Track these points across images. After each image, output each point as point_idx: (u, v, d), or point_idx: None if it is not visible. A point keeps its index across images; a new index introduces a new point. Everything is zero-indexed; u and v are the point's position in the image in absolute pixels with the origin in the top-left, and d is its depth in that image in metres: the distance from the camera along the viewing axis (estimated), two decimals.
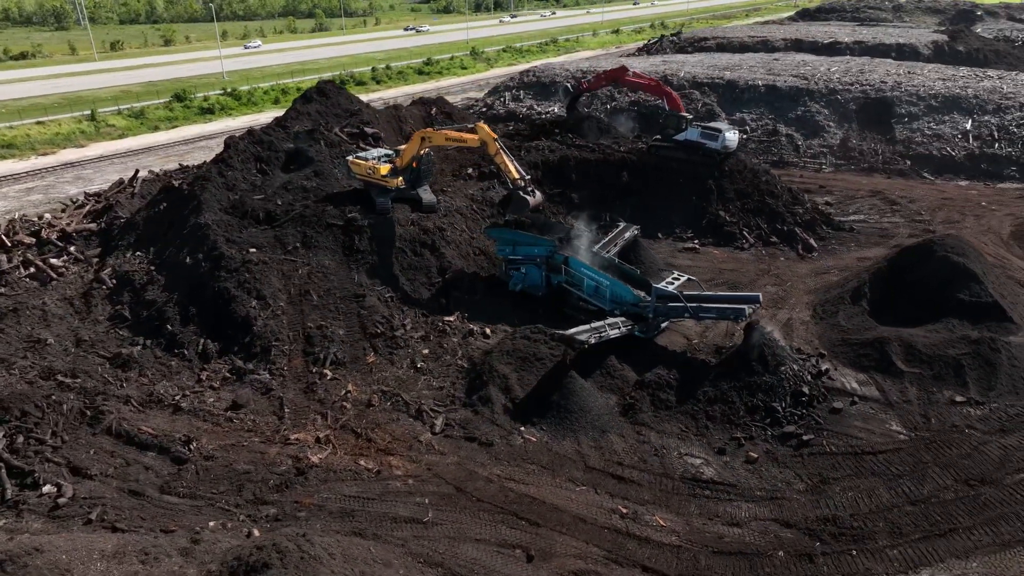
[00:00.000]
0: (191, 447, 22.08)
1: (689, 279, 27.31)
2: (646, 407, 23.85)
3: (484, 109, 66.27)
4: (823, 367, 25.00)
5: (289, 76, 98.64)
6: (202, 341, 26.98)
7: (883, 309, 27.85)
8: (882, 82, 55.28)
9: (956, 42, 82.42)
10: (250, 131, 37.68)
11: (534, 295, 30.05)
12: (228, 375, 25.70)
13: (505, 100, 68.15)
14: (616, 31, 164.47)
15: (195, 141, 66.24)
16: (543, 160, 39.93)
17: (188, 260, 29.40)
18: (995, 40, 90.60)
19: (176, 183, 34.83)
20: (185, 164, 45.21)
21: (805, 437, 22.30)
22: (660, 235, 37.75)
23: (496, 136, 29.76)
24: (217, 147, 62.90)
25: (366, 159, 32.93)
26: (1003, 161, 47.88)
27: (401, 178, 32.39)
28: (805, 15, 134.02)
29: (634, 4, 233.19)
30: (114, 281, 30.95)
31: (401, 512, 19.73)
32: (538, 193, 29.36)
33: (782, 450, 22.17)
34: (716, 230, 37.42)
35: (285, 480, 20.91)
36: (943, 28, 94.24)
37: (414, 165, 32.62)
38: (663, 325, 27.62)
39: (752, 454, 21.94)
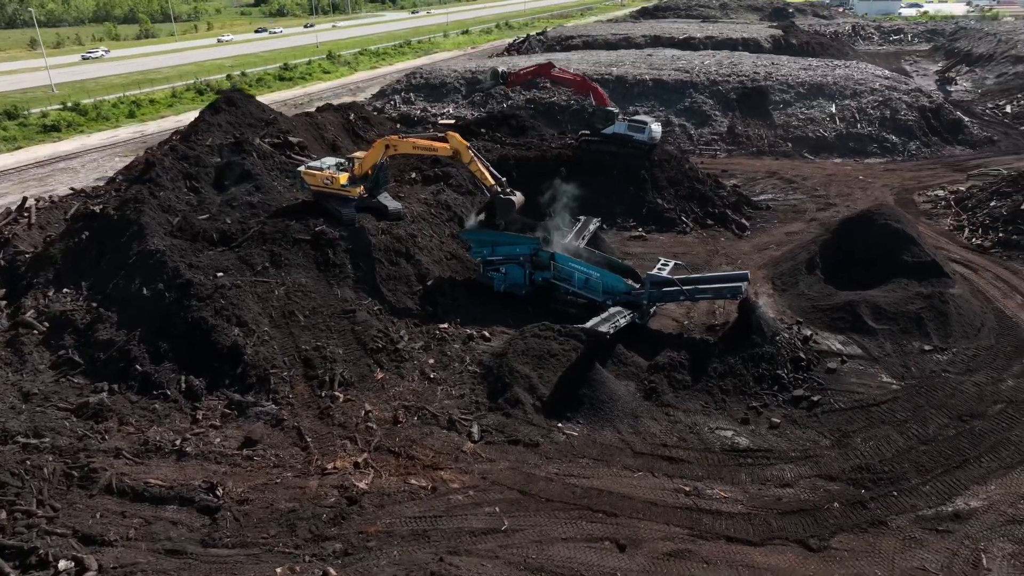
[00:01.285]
0: (218, 493, 20.10)
1: (676, 264, 28.62)
2: (665, 389, 24.80)
3: (375, 113, 64.56)
4: (806, 333, 27.27)
5: (135, 87, 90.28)
6: (183, 378, 24.50)
7: (835, 276, 30.74)
8: (755, 73, 60.46)
9: (789, 36, 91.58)
10: (172, 147, 34.52)
11: (517, 294, 30.11)
12: (227, 411, 23.57)
13: (395, 103, 66.89)
14: (465, 31, 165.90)
15: (52, 162, 58.98)
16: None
17: (145, 291, 26.47)
18: (812, 34, 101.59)
19: (96, 208, 31.07)
20: (78, 188, 40.29)
21: (814, 398, 24.26)
22: (604, 226, 38.94)
23: (468, 144, 29.50)
24: (83, 168, 57.15)
25: (321, 169, 31.28)
26: (866, 139, 54.16)
27: (362, 187, 31.11)
28: (645, 13, 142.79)
29: (412, 13, 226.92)
30: (46, 324, 27.28)
31: (476, 525, 19.24)
32: (518, 193, 29.43)
33: (797, 413, 23.97)
34: (656, 217, 39.31)
35: (338, 512, 19.63)
36: (774, 24, 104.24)
37: (369, 173, 31.45)
38: (652, 311, 28.76)
39: (774, 420, 23.54)
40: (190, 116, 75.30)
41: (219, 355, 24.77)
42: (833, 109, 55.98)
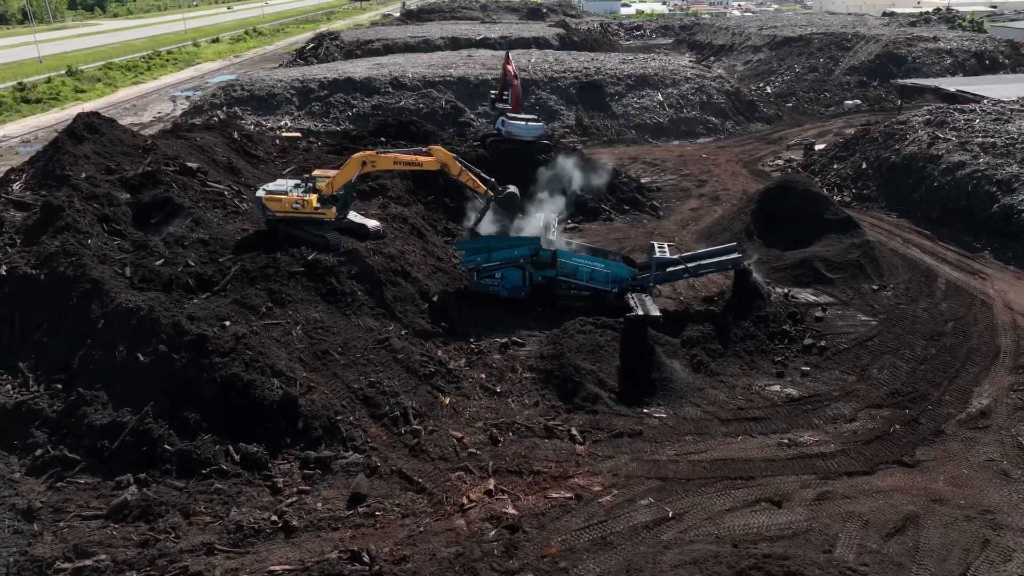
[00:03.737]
0: (364, 559, 17.86)
1: (670, 245, 30.52)
2: (707, 360, 26.69)
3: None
4: (783, 290, 30.94)
5: None
6: (230, 448, 20.95)
7: (770, 239, 35.08)
8: (584, 68, 64.88)
9: (571, 34, 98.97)
10: (75, 186, 28.45)
11: (516, 297, 29.97)
12: (307, 471, 20.70)
13: (219, 118, 60.49)
14: (215, 40, 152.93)
15: None
16: (401, 172, 38.34)
17: (141, 357, 21.93)
18: (586, 31, 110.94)
19: (1, 270, 24.68)
20: None
21: (820, 344, 27.84)
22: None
23: (455, 154, 28.67)
24: None
25: (285, 192, 28.17)
26: (693, 122, 61.27)
27: (334, 208, 28.62)
28: (410, 15, 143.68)
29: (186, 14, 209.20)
30: None
31: (644, 519, 19.42)
32: (510, 186, 29.36)
33: (813, 359, 27.31)
34: (580, 208, 41.04)
35: (506, 543, 18.57)
36: (553, 24, 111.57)
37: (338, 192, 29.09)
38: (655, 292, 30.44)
39: (803, 368, 26.63)
40: None
41: (269, 413, 21.53)
42: (660, 97, 62.38)
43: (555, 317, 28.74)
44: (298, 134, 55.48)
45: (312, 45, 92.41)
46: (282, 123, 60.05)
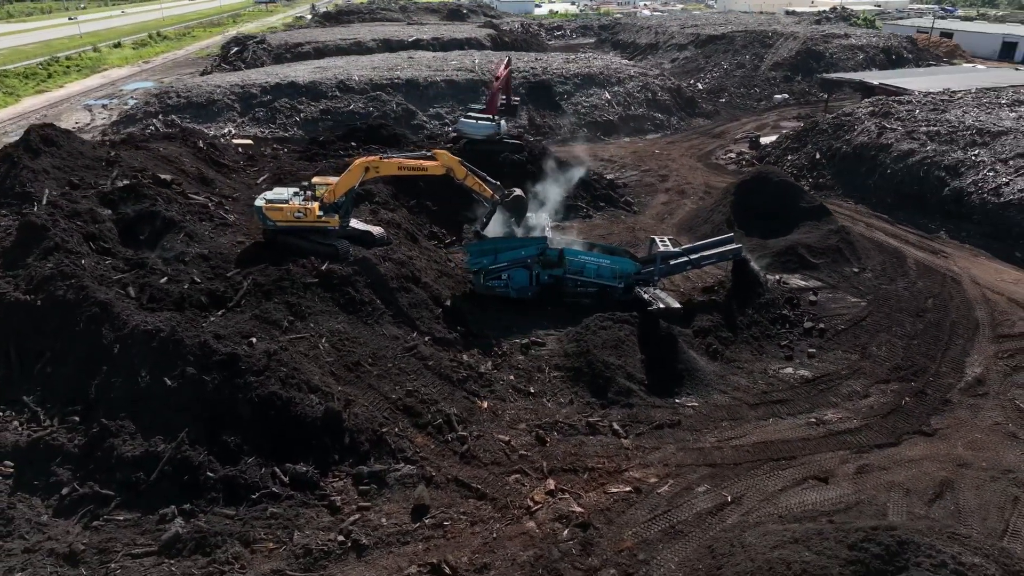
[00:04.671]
0: (446, 571, 17.54)
1: (670, 238, 31.21)
2: (721, 348, 27.53)
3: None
4: (775, 277, 32.26)
5: None
6: (277, 469, 20.05)
7: (749, 229, 36.47)
8: (532, 68, 65.29)
9: (502, 35, 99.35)
10: (56, 204, 26.38)
11: (524, 296, 29.97)
12: (363, 487, 20.05)
13: (156, 127, 57.38)
14: (117, 44, 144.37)
15: None
16: (385, 178, 37.58)
17: (168, 382, 20.63)
18: (516, 32, 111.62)
19: None
20: None
21: (820, 326, 29.24)
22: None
23: (459, 159, 28.37)
24: None
25: (285, 201, 27.13)
26: (641, 119, 62.77)
27: (338, 215, 27.81)
28: (329, 17, 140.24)
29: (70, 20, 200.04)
30: (8, 464, 19.76)
31: (706, 506, 19.94)
32: (516, 189, 29.33)
33: (816, 340, 28.67)
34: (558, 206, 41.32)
35: (581, 540, 18.67)
36: (482, 24, 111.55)
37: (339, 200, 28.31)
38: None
39: (810, 350, 27.90)
40: None
41: (313, 430, 20.71)
42: (608, 95, 63.56)
43: (563, 315, 29.01)
44: (249, 141, 53.39)
45: (236, 49, 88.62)
46: (225, 130, 57.45)
